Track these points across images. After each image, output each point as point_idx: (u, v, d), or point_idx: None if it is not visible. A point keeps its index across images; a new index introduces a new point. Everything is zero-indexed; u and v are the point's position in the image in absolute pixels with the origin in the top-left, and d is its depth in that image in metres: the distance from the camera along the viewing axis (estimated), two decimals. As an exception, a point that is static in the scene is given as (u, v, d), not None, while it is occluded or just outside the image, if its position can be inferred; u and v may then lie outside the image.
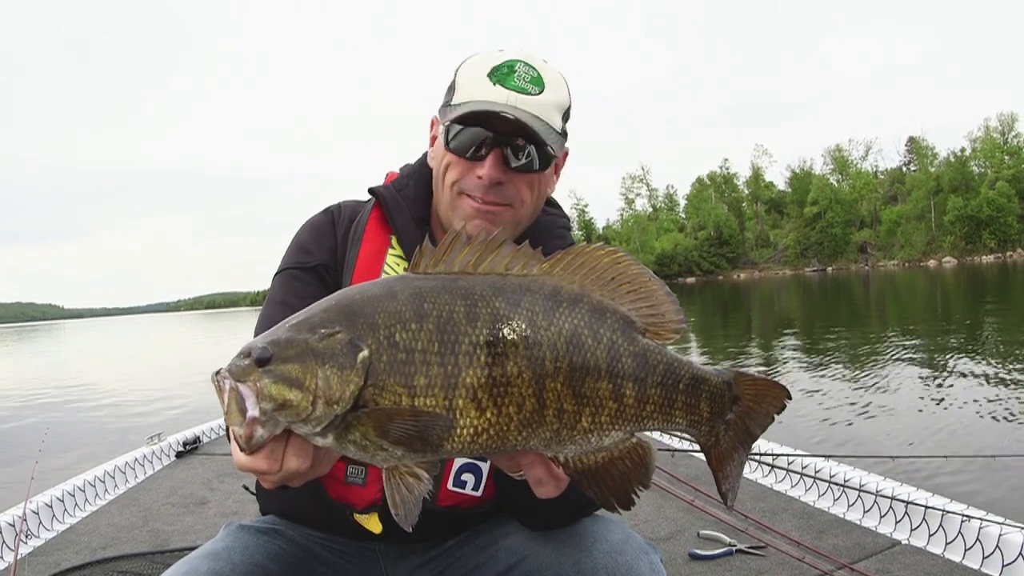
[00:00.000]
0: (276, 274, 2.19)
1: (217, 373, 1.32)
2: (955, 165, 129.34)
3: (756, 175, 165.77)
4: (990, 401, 10.93)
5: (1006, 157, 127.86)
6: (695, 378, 1.45)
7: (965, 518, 4.45)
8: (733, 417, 1.52)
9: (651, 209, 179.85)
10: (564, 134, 2.05)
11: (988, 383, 12.31)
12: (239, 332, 56.27)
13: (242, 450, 1.32)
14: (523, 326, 1.34)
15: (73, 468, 7.86)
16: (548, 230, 2.23)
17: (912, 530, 4.71)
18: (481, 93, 1.94)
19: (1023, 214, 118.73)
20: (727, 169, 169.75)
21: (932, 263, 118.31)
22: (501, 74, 1.94)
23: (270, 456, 1.35)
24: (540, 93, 1.95)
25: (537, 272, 1.41)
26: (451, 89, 2.04)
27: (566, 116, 2.06)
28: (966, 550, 4.37)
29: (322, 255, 2.14)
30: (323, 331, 1.31)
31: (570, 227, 2.34)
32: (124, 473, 7.05)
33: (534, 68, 1.97)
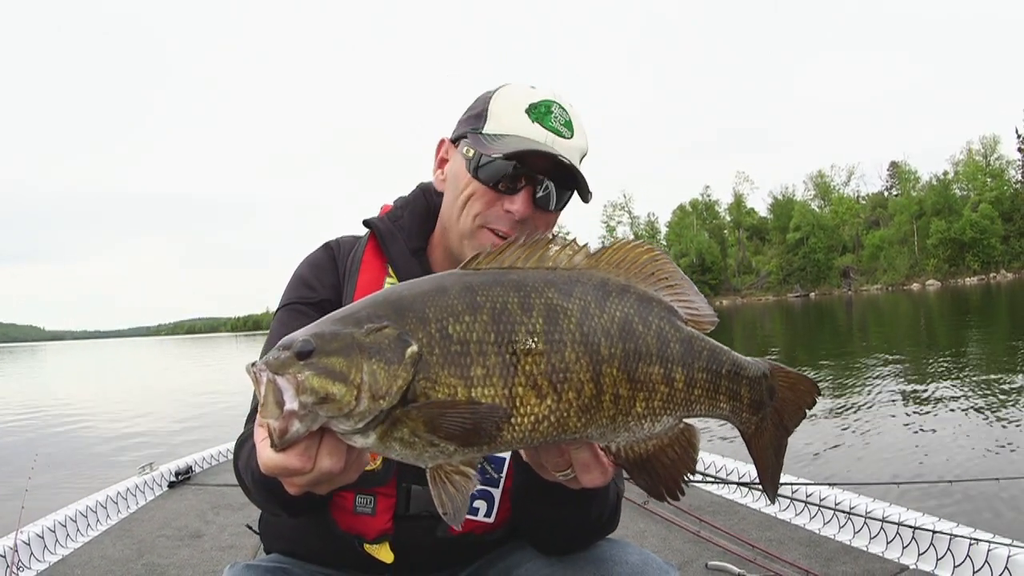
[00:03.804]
0: (278, 309, 2.16)
1: (253, 364, 1.28)
2: (937, 188, 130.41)
3: (738, 202, 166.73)
4: (991, 422, 10.98)
5: (988, 179, 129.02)
6: (736, 364, 1.49)
7: (973, 541, 4.46)
8: (770, 408, 1.55)
9: (633, 237, 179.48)
10: None
11: (985, 404, 12.36)
12: (223, 358, 56.08)
13: (273, 446, 1.26)
14: (578, 314, 1.36)
15: (64, 497, 7.73)
16: None
17: (920, 555, 4.71)
18: (521, 129, 1.96)
19: (1006, 236, 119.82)
20: (709, 196, 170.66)
21: (916, 286, 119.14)
22: (539, 113, 1.97)
23: (304, 454, 1.28)
24: (572, 137, 1.99)
25: (583, 266, 1.43)
26: (481, 117, 2.03)
27: (582, 160, 2.09)
28: (975, 572, 4.37)
29: (325, 291, 2.12)
30: (370, 325, 1.28)
31: None
32: (116, 503, 6.95)
33: (567, 112, 2.01)
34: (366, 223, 2.21)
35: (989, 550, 4.34)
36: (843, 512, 5.31)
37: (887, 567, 4.71)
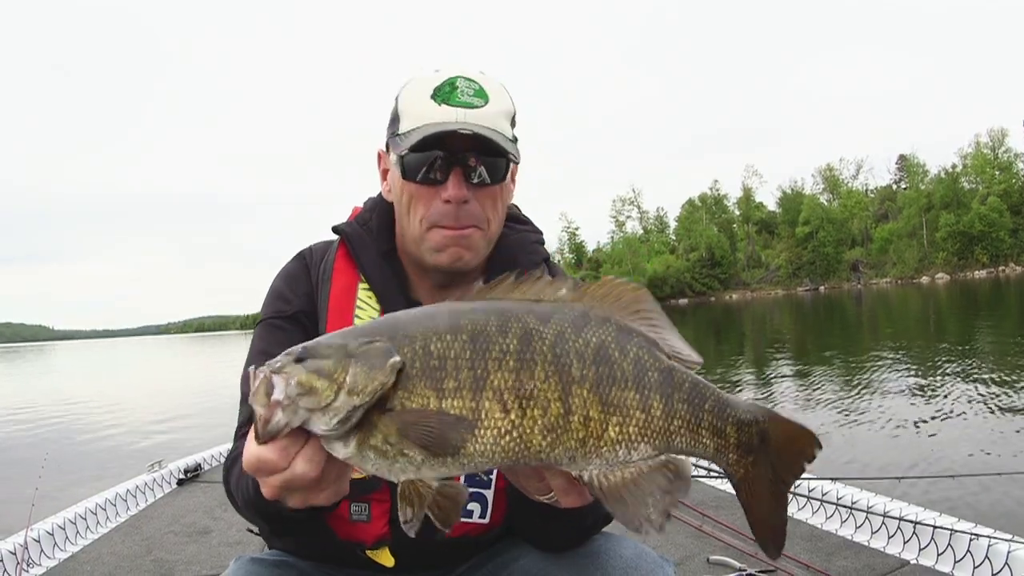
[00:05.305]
0: (257, 324, 2.20)
1: (255, 367, 1.36)
2: (946, 182, 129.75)
3: (747, 196, 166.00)
4: (993, 418, 10.95)
5: (997, 172, 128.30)
6: (721, 401, 1.46)
7: (974, 536, 4.46)
8: (762, 454, 1.49)
9: (642, 231, 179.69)
10: (514, 140, 2.06)
11: (989, 399, 12.32)
12: (233, 356, 56.17)
13: (257, 436, 1.32)
14: (552, 336, 1.39)
15: (73, 495, 7.80)
16: (521, 246, 2.24)
17: (921, 550, 4.72)
18: (429, 116, 1.94)
19: (1015, 229, 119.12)
20: (718, 191, 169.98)
21: (925, 280, 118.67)
22: (444, 93, 1.94)
23: (283, 450, 1.34)
24: (486, 105, 1.96)
25: (567, 299, 1.46)
26: (395, 119, 2.03)
27: (513, 122, 2.07)
28: (975, 568, 4.38)
29: (299, 301, 2.14)
30: (364, 339, 1.37)
31: (543, 241, 2.35)
32: (125, 501, 7.01)
33: (475, 81, 1.98)
34: (335, 229, 2.23)
35: (990, 545, 4.35)
36: (845, 507, 5.33)
37: (888, 562, 4.73)
